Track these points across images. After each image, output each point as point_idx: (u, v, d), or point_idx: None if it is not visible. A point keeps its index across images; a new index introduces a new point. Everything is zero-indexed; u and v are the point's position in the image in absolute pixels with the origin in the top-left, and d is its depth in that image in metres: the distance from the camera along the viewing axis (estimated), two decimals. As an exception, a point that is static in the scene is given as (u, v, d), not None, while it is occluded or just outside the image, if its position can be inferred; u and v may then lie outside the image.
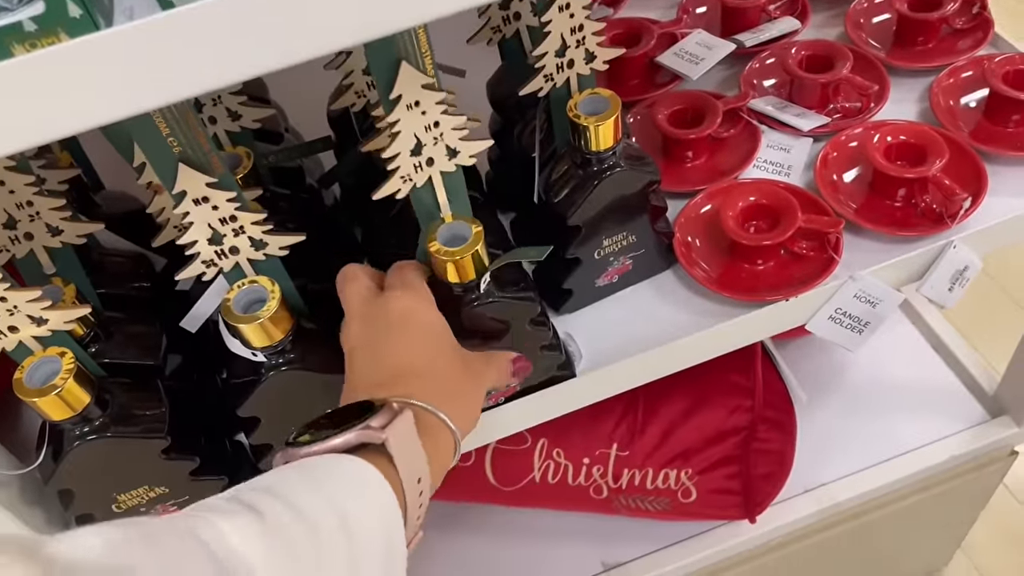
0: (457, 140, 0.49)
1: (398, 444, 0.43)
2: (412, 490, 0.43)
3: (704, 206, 0.71)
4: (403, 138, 0.47)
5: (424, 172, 0.50)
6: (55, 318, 0.51)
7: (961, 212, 0.66)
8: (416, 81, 0.44)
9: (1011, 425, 0.99)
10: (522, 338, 0.59)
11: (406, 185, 0.49)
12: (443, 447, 0.48)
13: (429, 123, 0.47)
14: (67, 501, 0.56)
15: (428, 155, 0.49)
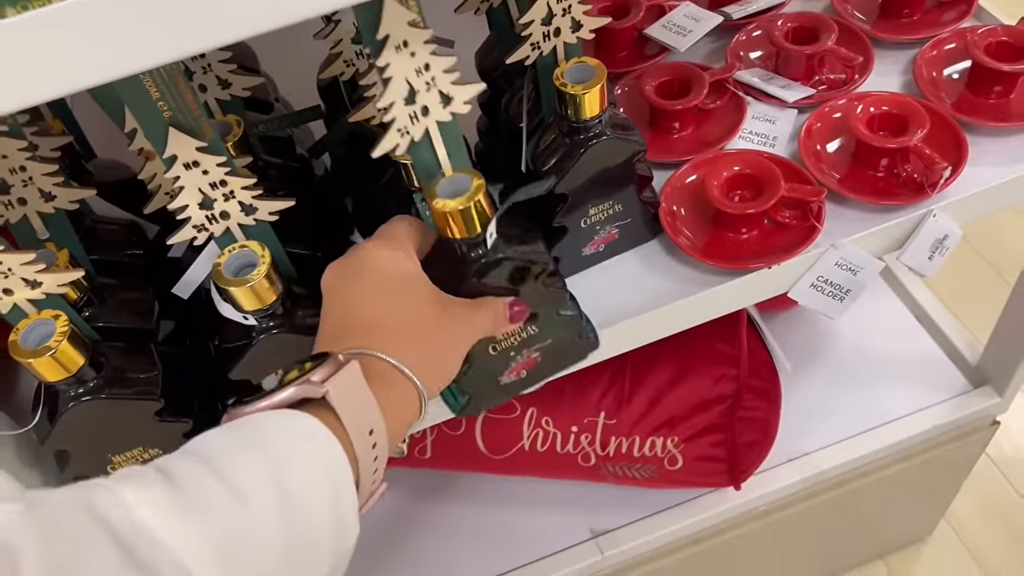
0: (449, 84, 0.47)
1: (340, 396, 0.41)
2: (362, 443, 0.42)
3: (689, 176, 0.72)
4: (395, 85, 0.46)
5: (420, 124, 0.48)
6: (49, 281, 0.52)
7: (941, 181, 0.67)
8: (402, 18, 0.42)
9: (993, 395, 1.01)
10: (537, 299, 0.57)
11: (404, 139, 0.48)
12: (402, 398, 0.46)
13: (420, 66, 0.45)
14: (63, 462, 0.57)
15: (423, 103, 0.47)
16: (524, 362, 0.61)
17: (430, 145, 0.50)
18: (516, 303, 0.55)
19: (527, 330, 0.59)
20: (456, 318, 0.51)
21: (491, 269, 0.54)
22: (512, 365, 0.61)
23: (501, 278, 0.55)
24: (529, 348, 0.60)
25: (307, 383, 0.41)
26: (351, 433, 0.41)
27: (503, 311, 0.54)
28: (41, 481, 0.60)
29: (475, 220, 0.51)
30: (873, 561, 1.31)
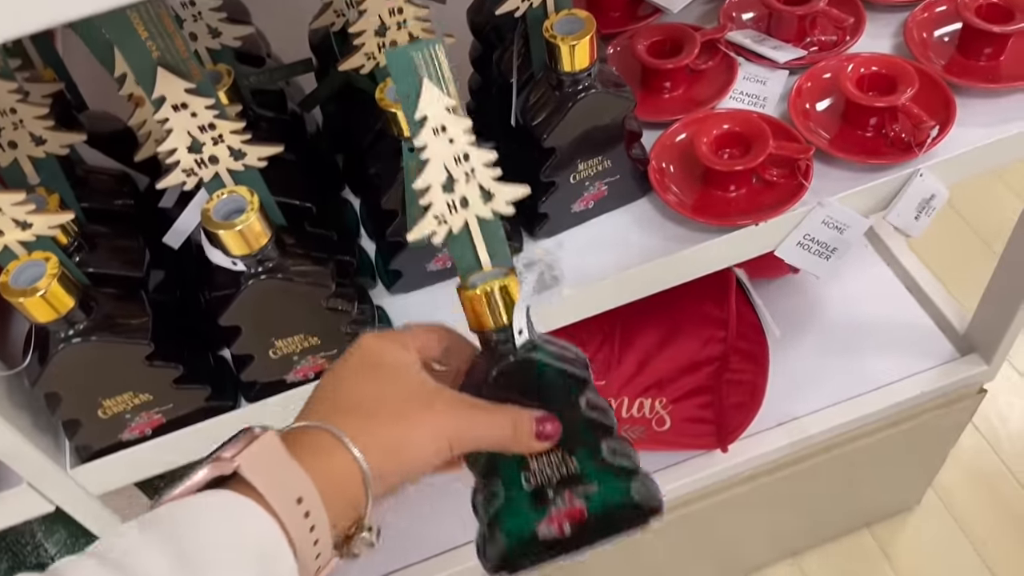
0: (490, 180, 0.44)
1: (253, 466, 0.38)
2: (290, 511, 0.38)
3: (680, 135, 0.73)
4: (433, 168, 0.43)
5: (459, 215, 0.45)
6: (39, 223, 0.52)
7: (929, 141, 0.68)
8: (440, 103, 0.41)
9: (980, 363, 1.02)
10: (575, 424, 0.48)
11: (441, 228, 0.45)
12: (343, 473, 0.41)
13: (459, 154, 0.43)
14: (54, 405, 0.58)
15: (461, 193, 0.44)
16: (566, 510, 0.50)
17: (469, 240, 0.46)
18: (547, 419, 0.47)
19: (565, 463, 0.49)
20: (447, 410, 0.45)
21: (518, 369, 0.47)
22: (551, 511, 0.49)
23: (530, 385, 0.48)
24: (571, 491, 0.49)
25: (217, 459, 0.39)
26: (272, 501, 0.38)
27: (528, 423, 0.47)
28: (31, 423, 0.60)
29: (500, 307, 0.47)
30: (859, 530, 1.33)
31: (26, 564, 0.83)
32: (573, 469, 0.49)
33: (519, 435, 0.46)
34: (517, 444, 0.46)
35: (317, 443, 0.41)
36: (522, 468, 0.49)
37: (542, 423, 0.47)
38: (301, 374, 0.64)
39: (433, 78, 0.41)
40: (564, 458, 0.49)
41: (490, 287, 0.46)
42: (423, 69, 0.41)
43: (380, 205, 0.64)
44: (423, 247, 0.66)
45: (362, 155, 0.69)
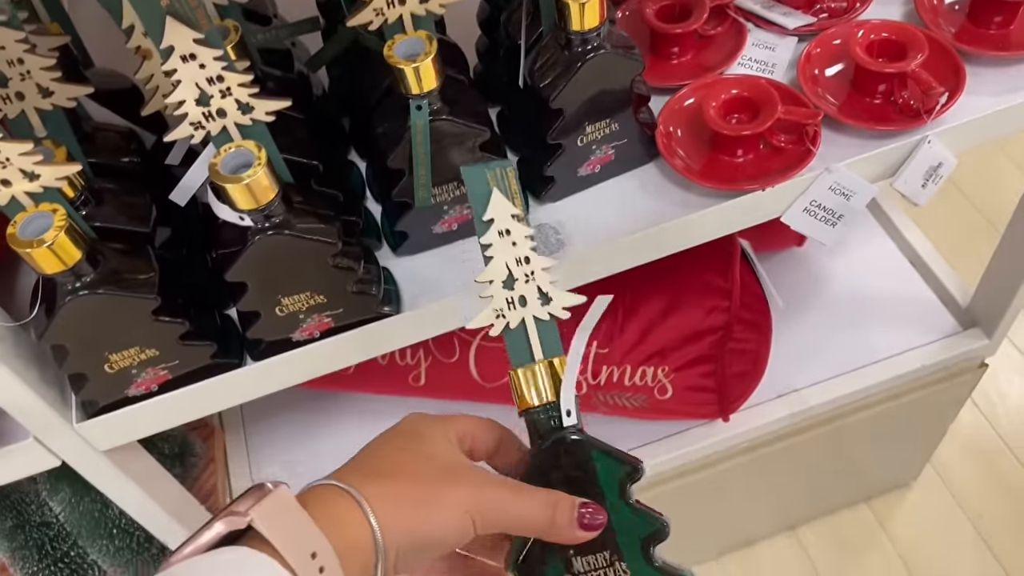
0: (549, 284, 0.47)
1: (267, 519, 0.37)
2: (307, 568, 0.37)
3: (688, 99, 0.72)
4: (495, 266, 0.46)
5: (517, 312, 0.47)
6: (47, 174, 0.52)
7: (937, 108, 0.67)
8: (506, 210, 0.45)
9: (982, 337, 1.02)
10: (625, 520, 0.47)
11: (499, 322, 0.47)
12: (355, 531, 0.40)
13: (520, 256, 0.47)
14: (60, 358, 0.58)
15: (520, 292, 0.47)
16: None
17: (524, 336, 0.47)
18: (591, 506, 0.44)
19: (615, 567, 0.47)
20: (475, 485, 0.43)
21: (563, 451, 0.46)
22: None
23: (576, 471, 0.46)
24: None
25: (231, 513, 0.37)
26: (287, 555, 0.37)
27: (568, 508, 0.44)
28: (39, 377, 0.60)
29: (547, 383, 0.47)
30: (858, 504, 1.34)
31: (31, 522, 0.83)
32: (620, 570, 0.47)
33: (558, 520, 0.43)
34: (554, 530, 0.44)
35: (332, 502, 0.40)
36: (565, 568, 0.47)
37: (585, 509, 0.44)
38: (307, 332, 0.64)
39: (502, 190, 0.46)
40: (612, 561, 0.47)
41: (538, 365, 0.47)
42: (493, 182, 0.45)
43: (386, 164, 0.63)
44: (429, 207, 0.66)
45: (369, 115, 0.69)
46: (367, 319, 0.65)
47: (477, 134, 0.63)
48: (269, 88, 0.65)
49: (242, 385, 0.65)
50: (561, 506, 0.44)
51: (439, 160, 0.63)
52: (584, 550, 0.46)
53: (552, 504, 0.43)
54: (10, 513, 0.83)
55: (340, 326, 0.65)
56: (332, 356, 0.66)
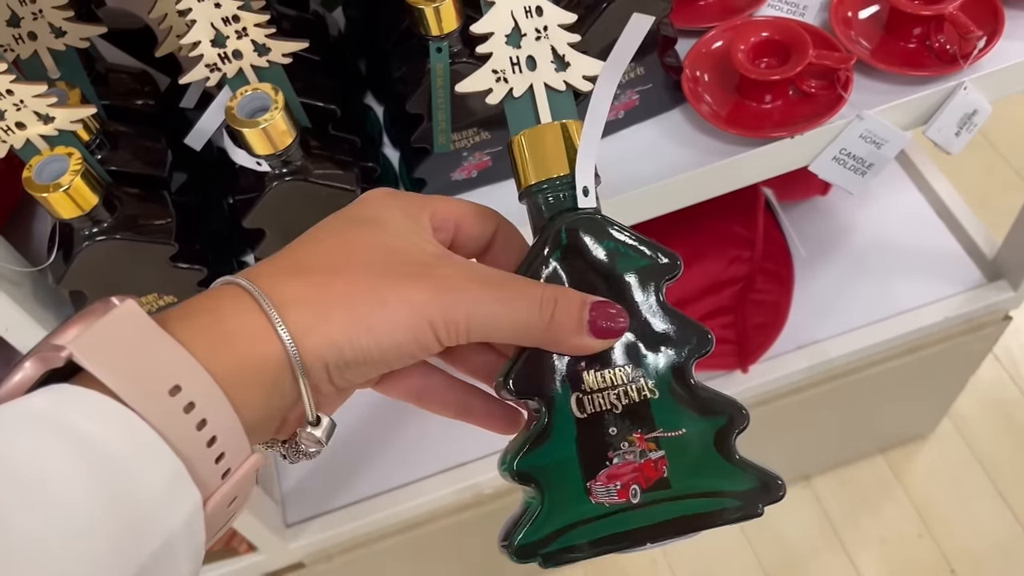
0: (566, 45, 0.38)
1: (95, 350, 0.27)
2: (160, 407, 0.27)
3: (715, 42, 0.70)
4: (498, 12, 0.37)
5: (523, 77, 0.37)
6: (61, 116, 0.51)
7: (975, 52, 0.65)
8: None
9: (1007, 289, 1.01)
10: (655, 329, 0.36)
11: (499, 86, 0.37)
12: (255, 344, 0.30)
13: (530, 5, 0.37)
14: (79, 304, 0.58)
15: (528, 52, 0.37)
16: (635, 465, 0.34)
17: (532, 108, 0.37)
18: (607, 305, 0.33)
19: (640, 384, 0.35)
20: (427, 277, 0.32)
21: (576, 233, 0.35)
22: (612, 461, 0.35)
23: (592, 264, 0.35)
24: (643, 432, 0.35)
25: (46, 347, 0.27)
26: (130, 399, 0.26)
27: (576, 308, 0.33)
28: (57, 321, 0.60)
29: (560, 151, 0.36)
30: (873, 456, 1.34)
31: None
32: (648, 394, 0.35)
33: (560, 321, 0.32)
34: (554, 335, 0.33)
35: (225, 311, 0.30)
36: (573, 384, 0.34)
37: (600, 309, 0.33)
38: (325, 280, 0.64)
39: None
40: (634, 377, 0.35)
41: (547, 129, 0.36)
42: None
43: (405, 109, 0.62)
44: (447, 153, 0.65)
45: (386, 58, 0.67)
46: (386, 267, 0.64)
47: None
48: (285, 29, 0.64)
49: (260, 332, 0.65)
50: (564, 303, 0.33)
51: (459, 105, 0.61)
52: (600, 361, 0.34)
53: (551, 300, 0.33)
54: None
55: (358, 274, 0.64)
56: (350, 304, 0.65)
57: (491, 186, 0.68)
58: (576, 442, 0.35)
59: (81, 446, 0.25)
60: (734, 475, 0.36)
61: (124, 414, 0.26)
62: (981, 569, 1.24)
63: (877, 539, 1.28)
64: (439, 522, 1.02)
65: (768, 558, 1.28)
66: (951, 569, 1.25)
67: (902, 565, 1.26)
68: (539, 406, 0.35)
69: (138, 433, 0.26)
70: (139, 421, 0.26)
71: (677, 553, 1.26)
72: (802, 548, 1.28)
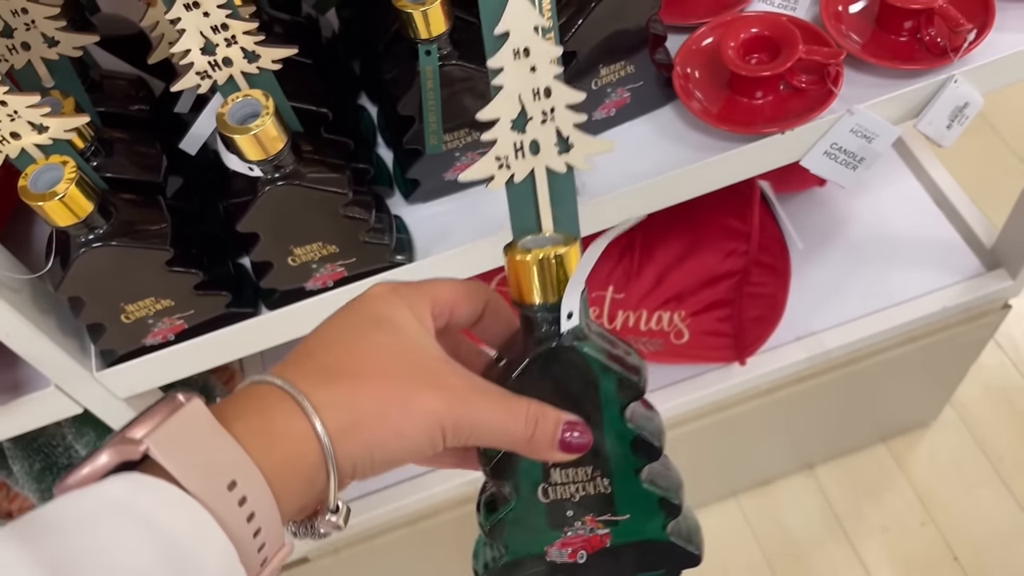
0: (572, 127, 0.37)
1: (168, 446, 0.30)
2: (218, 499, 0.30)
3: (706, 39, 0.70)
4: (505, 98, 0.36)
5: (525, 162, 0.37)
6: (55, 125, 0.52)
7: (965, 45, 0.65)
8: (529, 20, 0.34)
9: (1006, 278, 1.01)
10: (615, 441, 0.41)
11: (501, 172, 0.37)
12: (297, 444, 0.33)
13: (539, 87, 0.36)
14: (77, 309, 0.59)
15: (533, 136, 0.37)
16: (584, 537, 0.44)
17: (532, 193, 0.38)
18: (578, 425, 0.38)
19: (595, 482, 0.43)
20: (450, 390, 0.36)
21: (557, 360, 0.39)
22: (566, 533, 0.44)
23: (568, 383, 0.40)
24: (595, 515, 0.44)
25: (123, 441, 0.30)
26: (193, 489, 0.30)
27: (552, 426, 0.38)
28: (57, 326, 0.61)
29: (551, 280, 0.38)
30: (875, 444, 1.34)
31: (58, 465, 0.85)
32: (602, 490, 0.43)
33: (538, 438, 0.38)
34: (532, 448, 0.38)
35: (270, 410, 0.34)
36: (543, 477, 0.42)
37: (571, 430, 0.38)
38: (320, 282, 0.64)
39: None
40: (594, 476, 0.42)
41: (543, 254, 0.38)
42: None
43: (396, 111, 0.63)
44: (439, 153, 0.65)
45: (378, 60, 0.68)
46: (380, 268, 0.65)
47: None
48: (276, 33, 0.64)
49: (257, 334, 0.66)
50: (544, 422, 0.38)
51: (450, 106, 0.62)
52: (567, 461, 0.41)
53: (534, 419, 0.38)
54: (38, 456, 0.85)
55: (353, 275, 0.65)
56: (346, 305, 0.66)
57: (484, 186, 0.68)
58: (538, 519, 0.43)
59: (152, 530, 0.29)
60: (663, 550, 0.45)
61: (190, 504, 0.30)
62: (984, 556, 1.25)
63: (879, 528, 1.29)
64: (444, 515, 1.03)
65: (771, 547, 1.29)
66: (954, 557, 1.25)
67: (905, 553, 1.26)
68: (511, 489, 0.42)
69: (201, 521, 0.30)
70: (202, 510, 0.30)
71: (680, 543, 1.27)
72: (805, 537, 1.29)
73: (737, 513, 1.31)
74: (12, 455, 0.87)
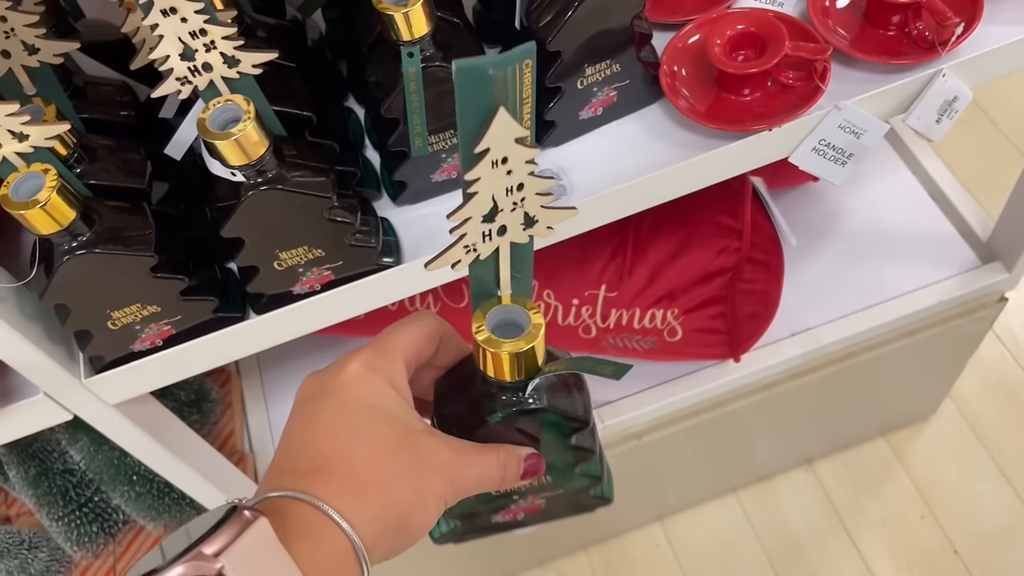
0: (539, 207, 0.38)
1: (244, 565, 0.33)
2: None
3: (692, 36, 0.70)
4: (479, 202, 0.36)
5: (492, 243, 0.38)
6: (36, 134, 0.52)
7: (953, 39, 0.65)
8: (511, 134, 0.33)
9: (1002, 271, 1.00)
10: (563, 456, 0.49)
11: (468, 256, 0.38)
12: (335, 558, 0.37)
13: (513, 185, 0.36)
14: (63, 316, 0.59)
15: (502, 223, 0.37)
16: (525, 506, 0.53)
17: (494, 264, 0.40)
18: (534, 457, 0.45)
19: (540, 480, 0.51)
20: (438, 468, 0.41)
21: (522, 419, 0.44)
22: (510, 507, 0.54)
23: (531, 428, 0.45)
24: (536, 495, 0.53)
25: (198, 557, 0.32)
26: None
27: (516, 465, 0.44)
28: (44, 334, 0.61)
29: (523, 367, 0.41)
30: (875, 438, 1.34)
31: (53, 469, 0.86)
32: (545, 481, 0.51)
33: (508, 477, 0.44)
34: (504, 485, 0.44)
35: (308, 522, 0.37)
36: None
37: (530, 460, 0.45)
38: (307, 285, 0.64)
39: (510, 104, 0.32)
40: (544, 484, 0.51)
41: (517, 348, 0.40)
42: (501, 91, 0.32)
43: (381, 114, 0.62)
44: (426, 155, 0.65)
45: (363, 62, 0.68)
46: (367, 271, 0.65)
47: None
48: (259, 36, 0.64)
49: (246, 339, 0.66)
50: (510, 463, 0.44)
51: (435, 107, 0.61)
52: None
53: (503, 462, 0.43)
54: (33, 461, 0.86)
55: (340, 278, 0.65)
56: (334, 308, 0.66)
57: (471, 186, 0.68)
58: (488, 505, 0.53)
59: None
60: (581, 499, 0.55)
61: None
62: (984, 550, 1.24)
63: (879, 521, 1.28)
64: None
65: (770, 541, 1.28)
66: (954, 550, 1.25)
67: (905, 547, 1.26)
68: None
69: None
70: None
71: (680, 539, 1.27)
72: (804, 532, 1.29)
73: (737, 508, 1.31)
74: (7, 461, 0.87)
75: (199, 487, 0.81)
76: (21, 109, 0.51)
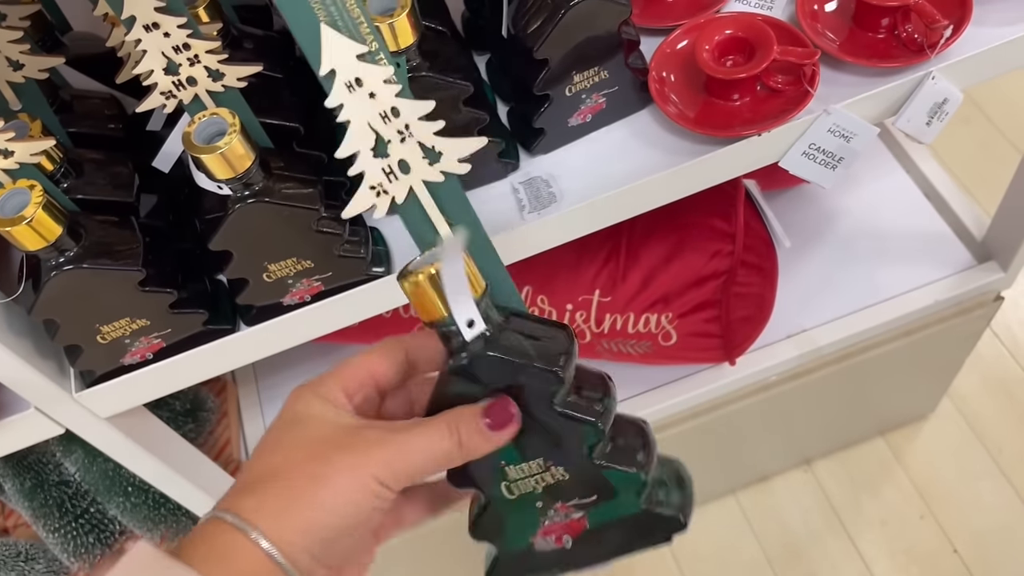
0: (432, 136, 0.37)
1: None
2: None
3: (681, 42, 0.70)
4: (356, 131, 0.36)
5: (402, 182, 0.38)
6: (21, 150, 0.52)
7: (942, 41, 0.64)
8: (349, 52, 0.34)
9: (997, 270, 1.00)
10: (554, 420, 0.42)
11: (382, 200, 0.38)
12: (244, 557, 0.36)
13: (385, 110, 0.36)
14: (52, 331, 0.59)
15: (398, 156, 0.37)
16: (563, 524, 0.45)
17: (420, 209, 0.39)
18: (493, 405, 0.40)
19: (551, 471, 0.43)
20: (366, 445, 0.38)
21: (476, 365, 0.40)
22: (544, 523, 0.45)
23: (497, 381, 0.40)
24: (563, 502, 0.45)
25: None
26: None
27: (470, 422, 0.39)
28: (34, 350, 0.61)
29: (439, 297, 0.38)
30: (873, 438, 1.33)
31: (49, 481, 0.86)
32: (560, 477, 0.43)
33: (466, 439, 0.39)
34: (469, 449, 0.39)
35: (213, 535, 0.37)
36: (501, 476, 0.43)
37: (489, 411, 0.39)
38: (298, 297, 0.64)
39: (333, 20, 0.33)
40: (547, 467, 0.43)
41: (418, 276, 0.38)
42: (320, 10, 0.33)
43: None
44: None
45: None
46: (357, 281, 0.64)
47: (460, 89, 0.61)
48: (246, 48, 0.64)
49: (236, 351, 0.66)
50: (463, 423, 0.39)
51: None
52: (516, 458, 0.43)
53: (453, 425, 0.39)
54: (29, 473, 0.86)
55: (330, 289, 0.64)
56: (324, 319, 0.66)
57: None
58: (514, 516, 0.45)
59: None
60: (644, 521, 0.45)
61: None
62: (984, 548, 1.24)
63: (878, 521, 1.28)
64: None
65: (770, 543, 1.28)
66: (953, 549, 1.24)
67: (904, 547, 1.26)
68: (479, 493, 0.44)
69: None
70: None
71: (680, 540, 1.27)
72: (804, 532, 1.28)
73: (736, 510, 1.31)
74: (3, 473, 0.87)
75: (194, 498, 0.81)
76: (6, 125, 0.51)
